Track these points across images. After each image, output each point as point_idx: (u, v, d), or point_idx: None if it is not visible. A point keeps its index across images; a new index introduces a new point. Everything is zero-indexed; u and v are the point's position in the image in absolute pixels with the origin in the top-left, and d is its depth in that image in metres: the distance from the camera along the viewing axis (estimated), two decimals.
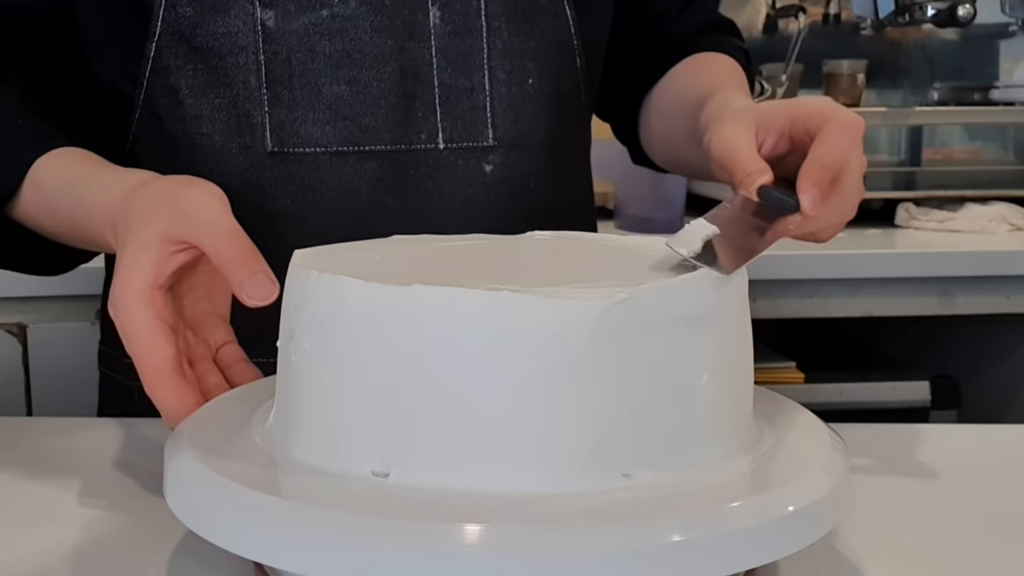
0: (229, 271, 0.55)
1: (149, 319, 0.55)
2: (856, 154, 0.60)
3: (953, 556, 0.53)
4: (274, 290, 0.54)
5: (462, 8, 0.74)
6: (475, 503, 0.42)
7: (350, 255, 0.53)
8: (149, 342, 0.55)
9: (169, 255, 0.57)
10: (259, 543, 0.42)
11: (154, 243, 0.57)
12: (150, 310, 0.55)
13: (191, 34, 0.72)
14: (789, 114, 0.61)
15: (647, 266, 0.51)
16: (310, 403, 0.47)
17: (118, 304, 0.56)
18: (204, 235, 0.57)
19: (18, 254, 0.76)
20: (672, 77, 0.85)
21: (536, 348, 0.43)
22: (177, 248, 0.57)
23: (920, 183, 1.68)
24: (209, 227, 0.57)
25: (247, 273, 0.55)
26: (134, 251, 0.57)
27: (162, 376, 0.55)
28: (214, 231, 0.57)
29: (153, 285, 0.56)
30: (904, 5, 1.66)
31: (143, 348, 0.55)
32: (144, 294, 0.56)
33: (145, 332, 0.55)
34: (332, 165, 0.74)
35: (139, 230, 0.58)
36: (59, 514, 0.57)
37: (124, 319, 0.56)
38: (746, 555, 0.42)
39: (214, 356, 0.62)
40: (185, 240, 0.57)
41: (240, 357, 0.62)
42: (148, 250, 0.56)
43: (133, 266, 0.56)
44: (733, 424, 0.49)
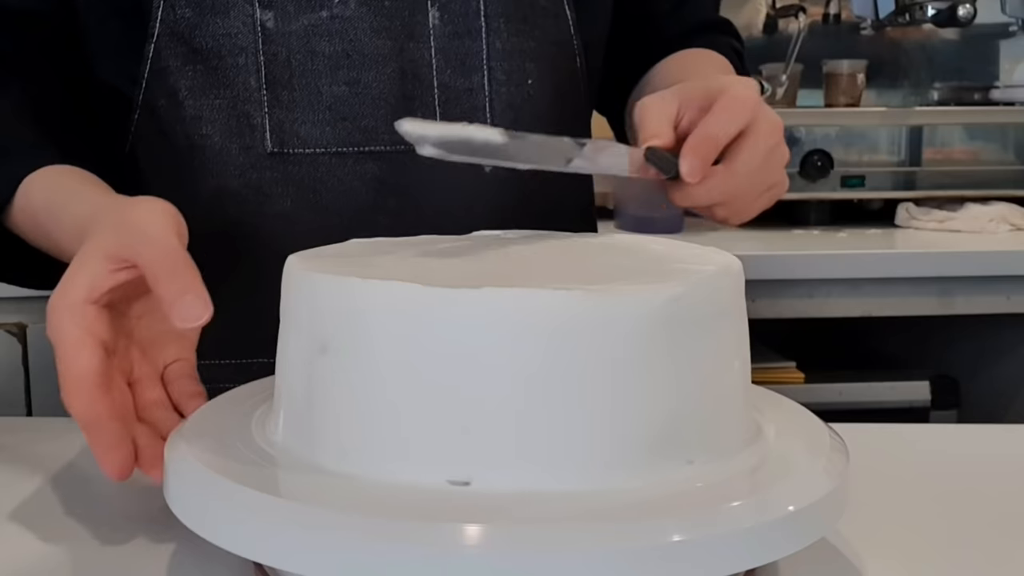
0: (160, 289, 0.53)
1: (75, 331, 0.54)
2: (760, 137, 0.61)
3: (953, 556, 0.53)
4: (203, 312, 0.52)
5: (461, 9, 0.74)
6: (475, 502, 0.42)
7: (354, 257, 0.53)
8: (72, 353, 0.53)
9: (109, 272, 0.55)
10: (259, 543, 0.42)
11: (94, 258, 0.55)
12: (79, 323, 0.54)
13: (190, 35, 0.72)
14: (705, 89, 0.62)
15: (649, 263, 0.51)
16: (310, 403, 0.47)
17: (50, 315, 0.55)
18: (140, 251, 0.54)
19: (16, 266, 0.75)
20: (655, 71, 0.86)
21: (542, 345, 0.43)
22: (118, 266, 0.55)
23: (920, 183, 1.68)
24: (146, 243, 0.55)
25: (177, 293, 0.52)
26: (75, 264, 0.55)
27: (78, 385, 0.53)
28: (150, 248, 0.54)
29: (86, 300, 0.54)
30: (904, 5, 1.66)
31: (65, 358, 0.53)
32: (75, 307, 0.54)
33: (69, 343, 0.53)
34: (332, 166, 0.74)
35: (85, 244, 0.56)
36: (59, 514, 0.57)
37: (53, 329, 0.54)
38: (746, 555, 0.42)
39: (162, 374, 0.60)
40: (125, 258, 0.55)
41: (185, 373, 0.60)
42: (87, 264, 0.55)
43: (70, 279, 0.55)
44: (733, 423, 0.49)
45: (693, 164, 0.59)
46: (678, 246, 0.55)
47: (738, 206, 0.65)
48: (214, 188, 0.74)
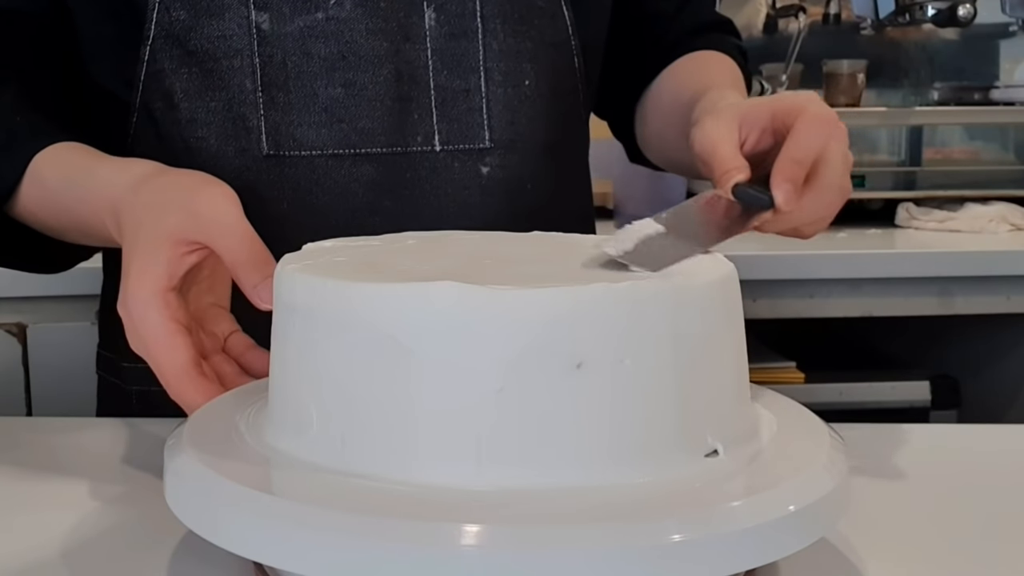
0: (243, 275, 0.56)
1: (164, 321, 0.56)
2: (835, 147, 0.61)
3: (953, 556, 0.53)
4: None
5: (457, 10, 0.74)
6: (474, 502, 0.42)
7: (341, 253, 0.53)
8: (167, 345, 0.55)
9: (181, 256, 0.57)
10: (259, 543, 0.42)
11: (166, 244, 0.57)
12: (165, 312, 0.56)
13: (185, 37, 0.72)
14: (770, 109, 0.61)
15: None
16: (305, 403, 0.47)
17: (132, 307, 0.56)
18: (218, 238, 0.57)
19: (17, 252, 0.75)
20: (667, 75, 0.85)
21: (537, 344, 0.43)
22: (189, 249, 0.57)
23: (920, 183, 1.68)
24: (223, 230, 0.57)
25: (260, 277, 0.56)
26: (146, 252, 0.57)
27: (185, 377, 0.55)
28: (228, 234, 0.57)
29: (166, 287, 0.56)
30: (904, 5, 1.66)
31: (162, 351, 0.56)
32: (158, 297, 0.56)
33: (162, 335, 0.55)
34: (328, 168, 0.73)
35: (149, 229, 0.58)
36: (59, 514, 0.57)
37: (139, 322, 0.56)
38: (746, 555, 0.42)
39: (223, 347, 0.62)
40: (197, 241, 0.57)
41: (250, 344, 0.62)
42: (160, 252, 0.57)
43: (145, 268, 0.56)
44: (732, 424, 0.49)
45: (788, 192, 0.57)
46: None
47: (822, 219, 0.64)
48: None
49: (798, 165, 0.58)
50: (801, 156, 0.58)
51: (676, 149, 0.79)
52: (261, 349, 0.62)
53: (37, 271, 0.78)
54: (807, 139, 0.59)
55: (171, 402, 0.58)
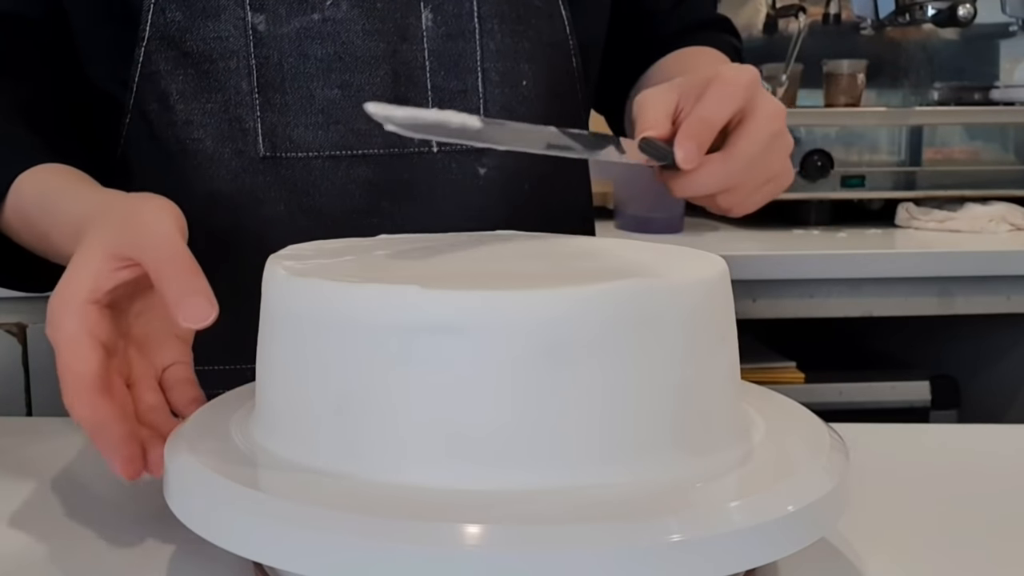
0: (164, 289, 0.52)
1: (77, 332, 0.53)
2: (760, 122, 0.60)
3: (953, 556, 0.53)
4: (210, 313, 0.51)
5: (455, 10, 0.74)
6: (474, 502, 0.42)
7: (331, 257, 0.53)
8: (73, 353, 0.53)
9: (111, 271, 0.54)
10: (259, 543, 0.42)
11: (96, 257, 0.55)
12: (81, 324, 0.53)
13: (181, 39, 0.72)
14: (705, 79, 0.61)
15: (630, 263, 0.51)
16: (298, 405, 0.47)
17: (51, 315, 0.54)
18: (145, 251, 0.54)
19: (10, 270, 0.74)
20: (653, 71, 0.85)
21: (535, 345, 0.43)
22: (120, 264, 0.55)
23: (920, 183, 1.68)
24: (151, 243, 0.54)
25: (183, 293, 0.52)
26: (76, 263, 0.55)
27: (81, 388, 0.52)
28: (155, 248, 0.54)
29: (88, 299, 0.54)
30: (904, 5, 1.66)
31: (66, 359, 0.53)
32: (77, 307, 0.53)
33: (71, 343, 0.53)
34: (325, 169, 0.73)
35: (86, 242, 0.56)
36: (59, 514, 0.57)
37: (54, 330, 0.54)
38: (746, 555, 0.42)
39: (160, 376, 0.60)
40: (129, 256, 0.55)
41: (184, 377, 0.60)
42: (90, 263, 0.54)
43: (72, 278, 0.54)
44: (731, 423, 0.49)
45: (688, 149, 0.58)
46: (667, 249, 0.55)
47: (740, 195, 0.63)
48: (206, 192, 0.73)
49: (702, 124, 0.59)
50: (706, 117, 0.59)
51: None
52: (193, 384, 0.59)
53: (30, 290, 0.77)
54: (715, 101, 0.59)
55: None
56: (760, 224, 1.61)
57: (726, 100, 0.60)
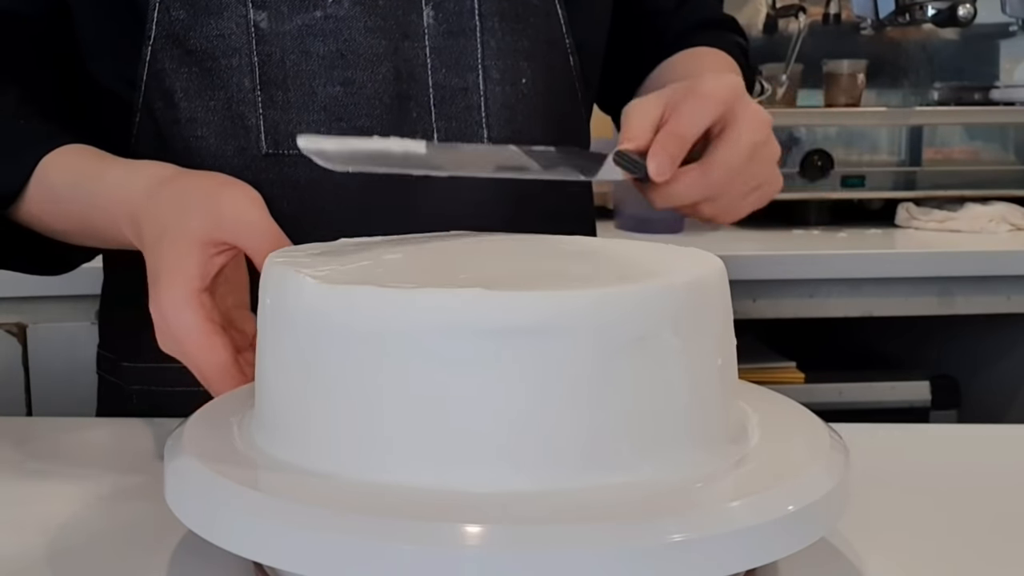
0: None
1: (201, 322, 0.56)
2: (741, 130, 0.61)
3: (953, 556, 0.53)
4: None
5: (456, 8, 0.74)
6: (474, 503, 0.42)
7: (331, 258, 0.53)
8: (206, 345, 0.56)
9: (210, 257, 0.57)
10: (259, 543, 0.42)
11: (195, 246, 0.57)
12: (200, 313, 0.56)
13: (185, 37, 0.72)
14: (688, 90, 0.62)
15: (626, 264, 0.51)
16: (296, 406, 0.47)
17: (167, 310, 0.57)
18: (244, 237, 0.58)
19: (19, 254, 0.75)
20: (658, 72, 0.85)
21: (532, 346, 0.43)
22: (217, 250, 0.58)
23: (920, 183, 1.68)
24: (248, 229, 0.58)
25: None
26: (175, 255, 0.57)
27: (225, 375, 0.56)
28: (254, 232, 0.58)
29: (199, 289, 0.57)
30: (904, 5, 1.66)
31: (201, 352, 0.56)
32: (192, 299, 0.56)
33: (200, 336, 0.56)
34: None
35: (175, 233, 0.58)
36: (59, 514, 0.57)
37: (175, 325, 0.56)
38: (746, 555, 0.42)
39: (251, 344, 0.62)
40: (224, 241, 0.58)
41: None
42: (190, 254, 0.57)
43: (176, 271, 0.57)
44: (731, 424, 0.49)
45: (660, 162, 0.59)
46: (665, 248, 0.55)
47: (723, 204, 0.64)
48: None
49: (675, 138, 0.59)
50: (678, 130, 0.59)
51: None
52: None
53: (38, 273, 0.78)
54: (688, 113, 0.60)
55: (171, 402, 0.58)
56: (760, 224, 1.61)
57: (700, 113, 0.60)
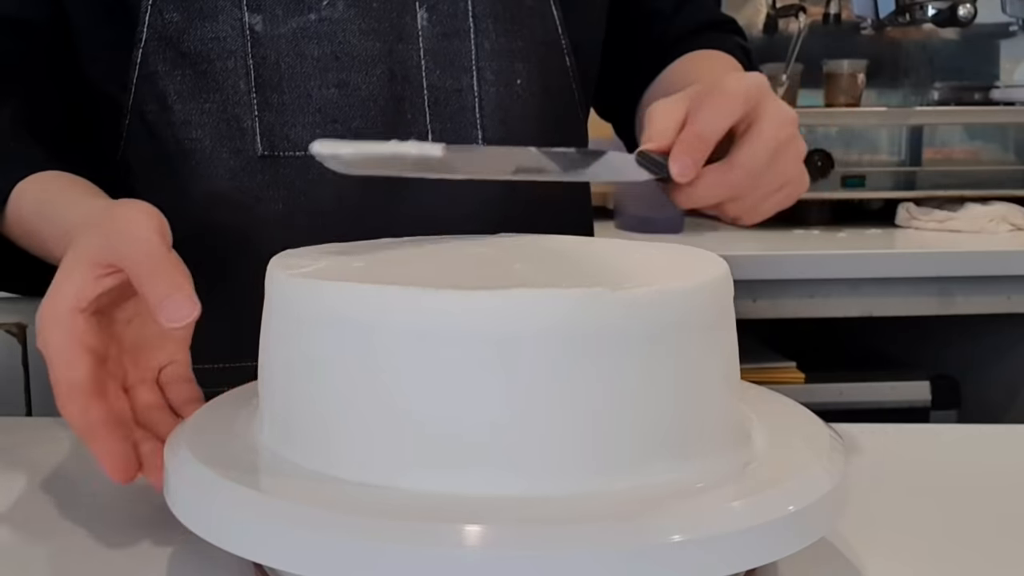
0: (145, 290, 0.52)
1: (65, 341, 0.53)
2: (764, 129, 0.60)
3: (953, 556, 0.53)
4: (191, 311, 0.51)
5: (450, 10, 0.74)
6: (474, 504, 0.42)
7: (334, 259, 0.53)
8: (64, 362, 0.53)
9: (95, 278, 0.54)
10: (259, 544, 0.42)
11: (80, 266, 0.55)
12: (68, 333, 0.53)
13: (178, 39, 0.72)
14: (712, 90, 0.61)
15: (635, 267, 0.51)
16: (299, 406, 0.47)
17: (39, 325, 0.54)
18: (124, 254, 0.54)
19: (12, 273, 0.74)
20: (664, 75, 0.85)
21: (535, 348, 0.43)
22: (103, 272, 0.54)
23: (920, 183, 1.68)
24: (129, 245, 0.54)
25: (163, 293, 0.51)
26: (60, 272, 0.55)
27: (71, 393, 0.52)
28: (133, 249, 0.54)
29: (74, 308, 0.54)
30: (904, 5, 1.66)
31: (57, 368, 0.53)
32: (63, 317, 0.53)
33: (61, 353, 0.53)
34: (323, 168, 0.73)
35: (69, 252, 0.56)
36: (59, 514, 0.57)
37: (44, 340, 0.54)
38: (746, 555, 0.42)
39: (156, 377, 0.60)
40: (110, 263, 0.54)
41: (180, 376, 0.60)
42: (73, 273, 0.54)
43: (56, 289, 0.54)
44: (731, 424, 0.49)
45: (683, 163, 0.58)
46: (669, 249, 0.55)
47: (747, 204, 0.63)
48: (205, 192, 0.73)
49: (697, 138, 0.58)
50: (700, 130, 0.58)
51: None
52: (190, 383, 0.59)
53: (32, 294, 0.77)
54: (709, 114, 0.59)
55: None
56: (760, 224, 1.61)
57: (722, 112, 0.59)
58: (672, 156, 0.58)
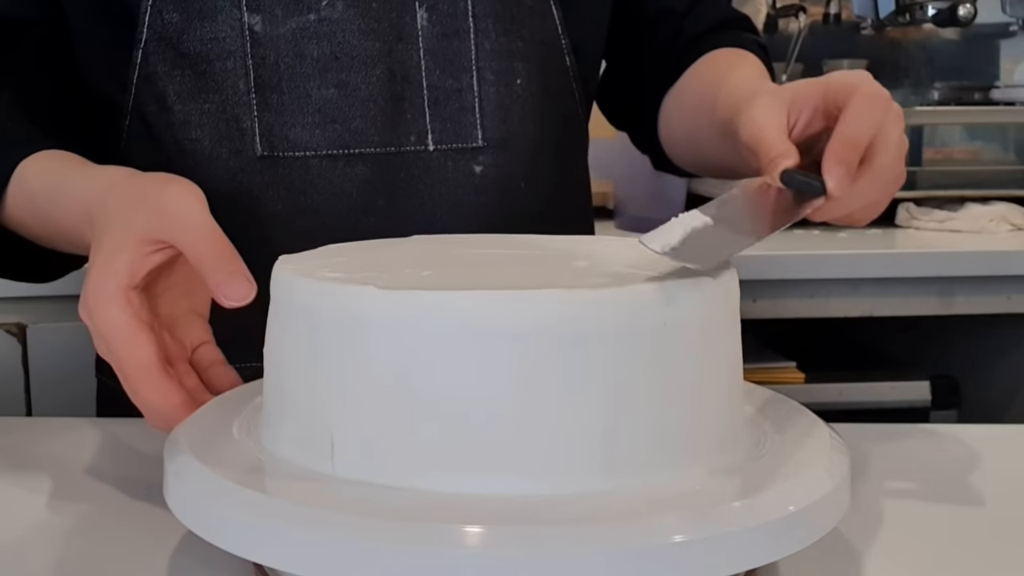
0: (206, 271, 0.54)
1: (126, 318, 0.54)
2: (890, 129, 0.57)
3: (953, 556, 0.53)
4: (251, 291, 0.53)
5: (449, 9, 0.74)
6: (474, 504, 0.42)
7: (339, 260, 0.53)
8: (129, 341, 0.54)
9: (145, 255, 0.56)
10: (258, 544, 0.42)
11: (130, 243, 0.56)
12: (127, 309, 0.54)
13: (178, 40, 0.72)
14: (820, 89, 0.58)
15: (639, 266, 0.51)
16: (303, 407, 0.47)
17: (92, 305, 0.55)
18: (181, 235, 0.55)
19: (9, 261, 0.75)
20: (691, 75, 0.83)
21: (539, 347, 0.43)
22: (154, 248, 0.56)
23: (920, 183, 1.68)
24: (187, 226, 0.55)
25: (225, 274, 0.54)
26: (110, 251, 0.56)
27: (146, 374, 0.54)
28: (192, 231, 0.55)
29: (128, 285, 0.55)
30: (904, 5, 1.66)
31: (123, 347, 0.54)
32: (119, 294, 0.54)
33: (124, 331, 0.54)
34: (322, 168, 0.74)
35: (115, 229, 0.56)
36: (59, 514, 0.57)
37: (100, 320, 0.54)
38: (746, 555, 0.42)
39: (190, 357, 0.61)
40: (162, 240, 0.56)
41: (218, 359, 0.61)
42: (124, 250, 0.55)
43: (107, 266, 0.55)
44: (731, 423, 0.49)
45: (840, 176, 0.54)
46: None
47: (878, 206, 0.61)
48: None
49: (851, 148, 0.55)
50: (854, 138, 0.56)
51: (712, 148, 0.76)
52: (227, 366, 0.60)
53: (29, 280, 0.77)
54: (860, 120, 0.56)
55: None
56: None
57: (871, 119, 0.56)
58: (826, 168, 0.55)
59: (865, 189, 0.57)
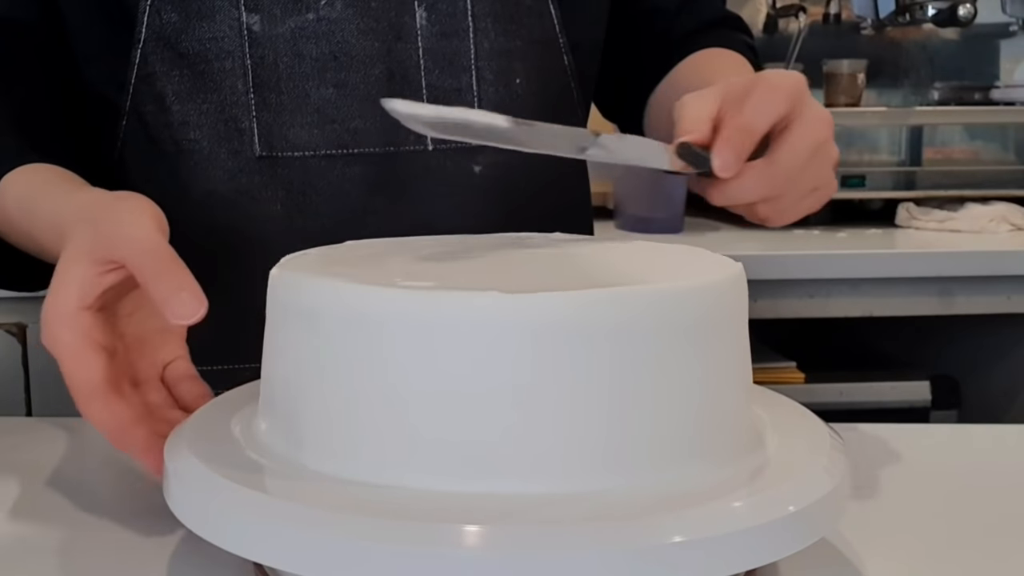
0: (150, 288, 0.52)
1: (75, 340, 0.53)
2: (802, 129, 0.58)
3: (953, 556, 0.53)
4: (198, 308, 0.51)
5: (448, 9, 0.74)
6: (474, 504, 0.42)
7: (341, 258, 0.53)
8: (76, 361, 0.53)
9: (97, 275, 0.54)
10: (259, 543, 0.42)
11: (80, 263, 0.54)
12: (77, 331, 0.53)
13: (176, 40, 0.72)
14: (749, 83, 0.59)
15: (646, 266, 0.51)
16: (303, 406, 0.47)
17: (45, 326, 0.54)
18: (127, 253, 0.54)
19: (6, 271, 0.74)
20: (674, 75, 0.84)
21: (541, 347, 0.43)
22: (105, 268, 0.54)
23: (920, 183, 1.68)
24: (131, 243, 0.54)
25: (169, 290, 0.52)
26: (61, 270, 0.55)
27: (93, 393, 0.52)
28: (136, 247, 0.53)
29: (79, 307, 0.54)
30: (905, 5, 1.66)
31: (71, 367, 0.53)
32: (69, 316, 0.53)
33: (72, 352, 0.53)
34: (321, 168, 0.73)
35: (67, 250, 0.55)
36: (59, 514, 0.57)
37: (52, 342, 0.54)
38: (746, 555, 0.42)
39: (161, 374, 0.60)
40: (112, 259, 0.54)
41: (187, 374, 0.60)
42: (74, 271, 0.54)
43: (60, 287, 0.54)
44: (733, 424, 0.49)
45: (726, 158, 0.56)
46: (681, 250, 0.55)
47: (781, 205, 0.61)
48: (203, 193, 0.73)
49: (742, 133, 0.57)
50: (747, 124, 0.57)
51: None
52: (197, 380, 0.59)
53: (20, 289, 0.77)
54: (757, 108, 0.57)
55: None
56: (760, 224, 1.61)
57: (769, 107, 0.57)
58: (715, 149, 0.57)
59: (758, 179, 0.58)
